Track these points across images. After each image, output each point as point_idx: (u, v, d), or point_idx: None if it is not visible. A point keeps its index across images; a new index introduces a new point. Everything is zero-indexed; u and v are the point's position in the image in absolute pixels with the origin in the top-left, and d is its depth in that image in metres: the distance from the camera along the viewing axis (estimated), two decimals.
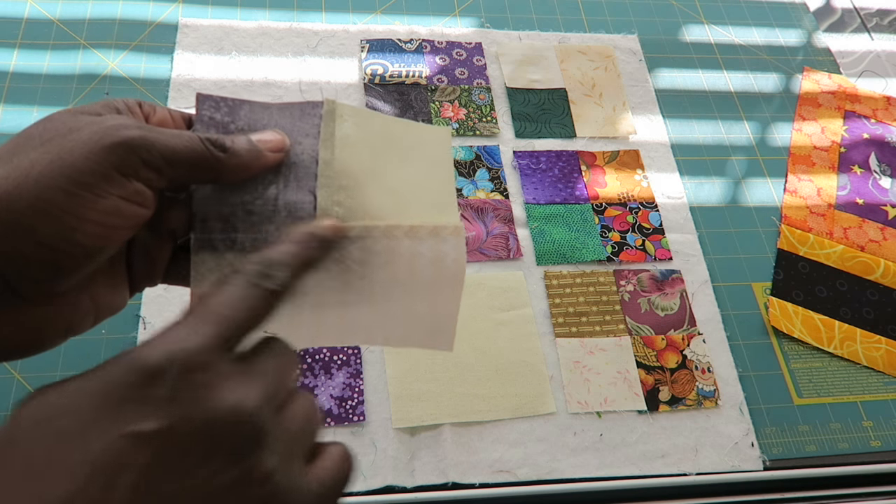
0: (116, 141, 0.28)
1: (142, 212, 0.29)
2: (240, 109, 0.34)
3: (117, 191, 0.28)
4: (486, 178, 0.71)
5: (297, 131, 0.34)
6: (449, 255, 0.34)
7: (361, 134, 0.35)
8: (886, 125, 0.83)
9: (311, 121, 0.35)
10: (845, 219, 0.75)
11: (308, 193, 0.33)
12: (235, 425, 0.24)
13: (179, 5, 0.77)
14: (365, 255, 0.33)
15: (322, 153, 0.34)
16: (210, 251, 0.32)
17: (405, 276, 0.34)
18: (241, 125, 0.34)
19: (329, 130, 0.35)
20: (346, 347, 0.60)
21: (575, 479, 0.57)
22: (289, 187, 0.33)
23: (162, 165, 0.29)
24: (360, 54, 0.77)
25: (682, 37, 0.87)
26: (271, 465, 0.24)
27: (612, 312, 0.65)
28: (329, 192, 0.33)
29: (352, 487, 0.54)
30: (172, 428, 0.23)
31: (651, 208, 0.72)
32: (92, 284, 0.31)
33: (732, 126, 0.80)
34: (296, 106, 0.35)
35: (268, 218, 0.33)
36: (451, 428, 0.57)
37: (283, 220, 0.33)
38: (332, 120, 0.35)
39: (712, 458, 0.59)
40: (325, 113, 0.35)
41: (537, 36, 0.82)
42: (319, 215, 0.33)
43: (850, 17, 0.94)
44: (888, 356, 0.67)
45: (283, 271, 0.29)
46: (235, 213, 0.33)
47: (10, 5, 0.74)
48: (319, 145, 0.34)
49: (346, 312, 0.34)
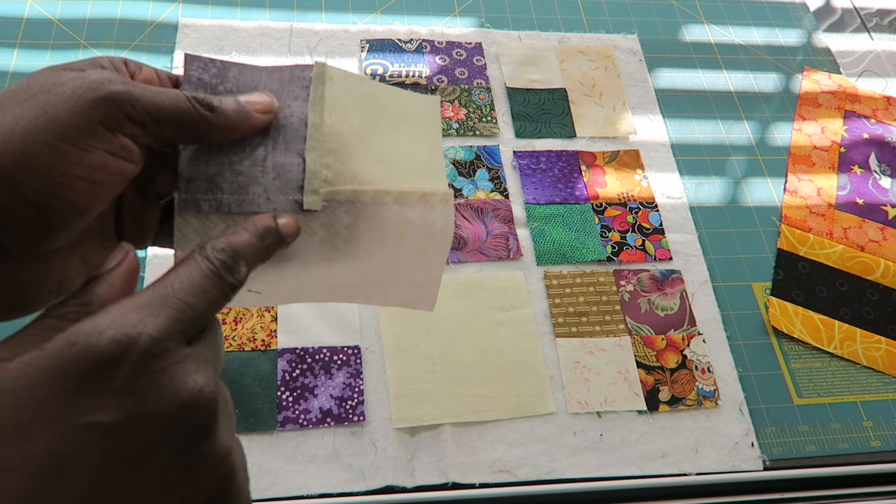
0: (101, 95, 0.27)
1: (129, 167, 0.29)
2: (228, 71, 0.33)
3: (103, 145, 0.27)
4: (486, 178, 0.71)
5: (286, 94, 0.34)
6: (437, 223, 0.34)
7: (351, 98, 0.35)
8: (886, 125, 0.83)
9: (300, 83, 0.34)
10: (845, 219, 0.75)
11: (297, 156, 0.33)
12: (194, 413, 0.23)
13: (179, 5, 0.77)
14: (353, 218, 0.33)
15: (311, 116, 0.34)
16: (195, 212, 0.31)
17: (392, 241, 0.34)
18: (229, 87, 0.33)
19: (318, 93, 0.34)
20: (345, 347, 0.60)
21: (575, 479, 0.57)
22: (277, 149, 0.33)
23: (146, 121, 0.28)
24: (360, 54, 0.77)
25: (682, 37, 0.87)
26: (227, 443, 0.25)
27: (612, 312, 0.65)
28: (318, 154, 0.33)
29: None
30: (129, 419, 0.22)
31: (651, 208, 0.72)
32: (81, 244, 0.31)
33: (732, 126, 0.80)
34: (285, 69, 0.34)
35: (255, 179, 0.32)
36: (451, 428, 0.57)
37: (271, 181, 0.32)
38: (321, 83, 0.34)
39: (712, 458, 0.59)
40: (314, 76, 0.34)
41: (537, 36, 0.82)
42: (308, 178, 0.32)
43: (850, 17, 0.94)
44: (888, 356, 0.67)
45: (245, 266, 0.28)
46: (222, 174, 0.32)
47: (10, 5, 0.74)
48: (308, 108, 0.34)
49: (330, 272, 0.34)
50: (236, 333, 0.59)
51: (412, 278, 0.36)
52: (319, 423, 0.56)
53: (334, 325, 0.61)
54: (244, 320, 0.60)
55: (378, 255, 0.34)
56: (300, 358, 0.59)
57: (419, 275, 0.36)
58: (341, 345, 0.60)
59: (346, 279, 0.35)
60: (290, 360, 0.58)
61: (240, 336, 0.59)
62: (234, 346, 0.58)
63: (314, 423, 0.56)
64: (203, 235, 0.31)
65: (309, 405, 0.57)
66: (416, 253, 0.35)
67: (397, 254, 0.34)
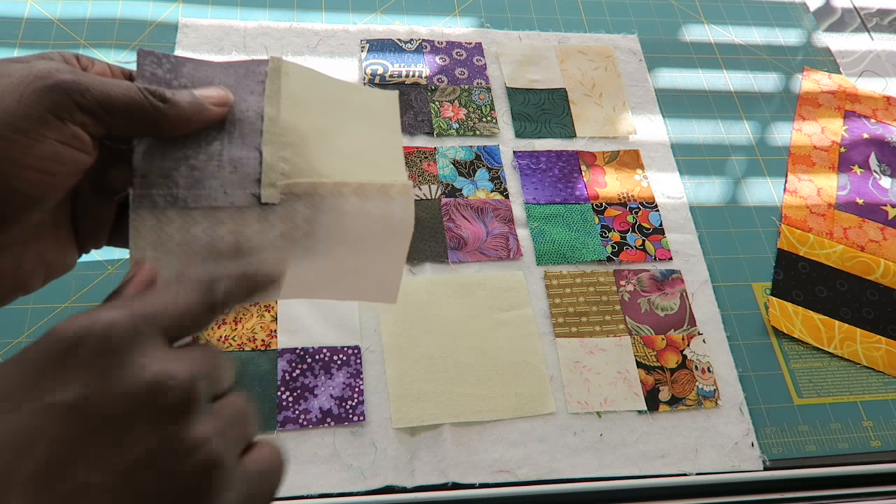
0: (49, 84, 0.27)
1: (81, 157, 0.29)
2: (182, 66, 0.33)
3: (53, 134, 0.27)
4: (486, 178, 0.71)
5: (242, 88, 0.33)
6: (396, 214, 0.34)
7: (308, 93, 0.35)
8: (886, 125, 0.83)
9: (256, 78, 0.34)
10: (845, 219, 0.75)
11: (254, 150, 0.32)
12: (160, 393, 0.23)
13: (179, 5, 0.77)
14: (312, 211, 0.32)
15: (267, 109, 0.33)
16: (150, 208, 0.31)
17: (352, 233, 0.33)
18: (183, 82, 0.33)
19: (275, 87, 0.34)
20: (345, 347, 0.60)
21: (575, 479, 0.57)
22: (233, 143, 0.32)
23: (97, 110, 0.28)
24: (360, 54, 0.77)
25: (682, 37, 0.87)
26: (203, 432, 0.24)
27: (612, 312, 0.65)
28: (275, 148, 0.33)
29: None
30: (89, 398, 0.22)
31: (651, 208, 0.72)
32: (37, 240, 0.31)
33: (732, 126, 0.80)
34: (241, 64, 0.34)
35: (211, 174, 0.32)
36: (451, 428, 0.57)
37: (227, 175, 0.32)
38: (277, 77, 0.34)
39: (712, 458, 0.59)
40: (270, 70, 0.34)
41: (537, 36, 0.82)
42: (266, 171, 0.32)
43: (850, 17, 0.94)
44: (888, 356, 0.67)
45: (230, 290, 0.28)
46: (177, 168, 0.31)
47: (10, 5, 0.74)
48: (265, 102, 0.33)
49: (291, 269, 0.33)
50: (236, 333, 0.59)
51: (374, 272, 0.35)
52: (319, 423, 0.56)
53: (334, 325, 0.61)
54: (244, 320, 0.60)
55: (339, 248, 0.33)
56: (300, 358, 0.59)
57: (381, 268, 0.35)
58: (341, 345, 0.60)
59: (307, 275, 0.34)
60: (290, 360, 0.58)
61: (240, 336, 0.59)
62: (234, 346, 0.58)
63: (314, 423, 0.56)
64: (158, 232, 0.31)
65: (309, 405, 0.57)
66: (377, 245, 0.34)
67: (358, 246, 0.34)
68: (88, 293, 0.59)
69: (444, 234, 0.67)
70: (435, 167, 0.71)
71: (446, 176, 0.70)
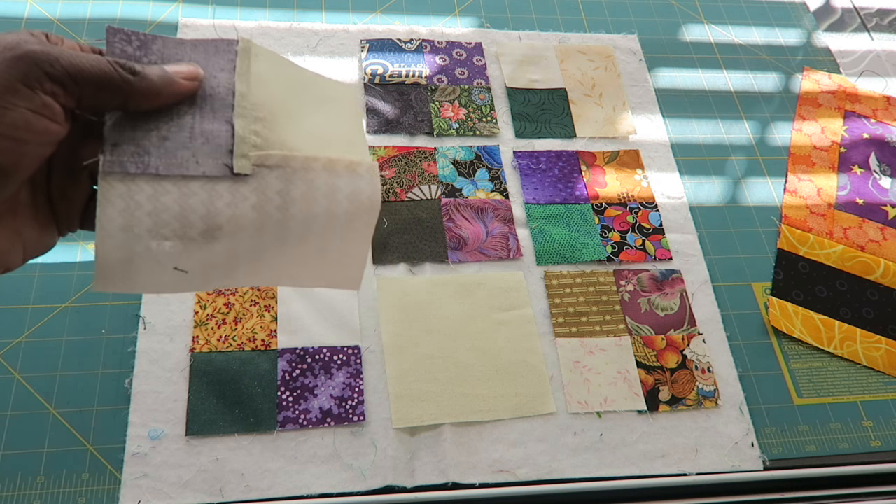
0: (18, 54, 0.28)
1: (53, 127, 0.29)
2: (152, 44, 0.34)
3: (24, 103, 0.28)
4: (486, 178, 0.71)
5: (211, 66, 0.34)
6: (364, 191, 0.34)
7: (275, 75, 0.36)
8: (886, 125, 0.83)
9: (226, 56, 0.35)
10: (845, 219, 0.75)
11: (225, 123, 0.33)
12: None
13: (179, 5, 0.77)
14: (284, 184, 0.33)
15: (238, 86, 0.34)
16: (120, 175, 0.30)
17: (322, 208, 0.33)
18: (153, 59, 0.33)
19: (245, 66, 0.35)
20: (345, 347, 0.60)
21: (575, 479, 0.57)
22: (205, 118, 0.33)
23: (66, 80, 0.29)
24: (360, 54, 0.77)
25: (682, 37, 0.87)
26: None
27: (612, 312, 0.65)
28: (246, 122, 0.33)
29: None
30: None
31: (651, 208, 0.72)
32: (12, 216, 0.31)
33: (732, 126, 0.80)
34: (210, 43, 0.35)
35: (183, 144, 0.32)
36: (451, 428, 0.57)
37: (199, 146, 0.32)
38: (247, 57, 0.35)
39: (712, 458, 0.59)
40: (240, 49, 0.35)
41: (537, 36, 0.82)
42: (237, 143, 0.32)
43: (850, 17, 0.94)
44: (888, 356, 0.67)
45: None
46: (149, 138, 0.31)
47: (10, 5, 0.74)
48: (235, 78, 0.34)
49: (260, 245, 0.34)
50: (236, 333, 0.59)
51: (340, 254, 0.36)
52: (319, 423, 0.56)
53: (334, 325, 0.61)
54: (244, 320, 0.60)
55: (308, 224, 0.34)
56: (300, 358, 0.59)
57: (347, 250, 0.36)
58: (341, 345, 0.60)
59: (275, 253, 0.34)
60: (290, 360, 0.58)
61: (240, 336, 0.59)
62: (234, 346, 0.58)
63: (314, 423, 0.56)
64: (128, 200, 0.30)
65: (309, 405, 0.57)
66: (345, 223, 0.34)
67: (326, 224, 0.34)
68: (88, 293, 0.59)
69: (444, 234, 0.67)
70: (435, 167, 0.71)
71: (446, 176, 0.70)
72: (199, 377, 0.57)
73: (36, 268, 0.60)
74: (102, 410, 0.55)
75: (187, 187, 0.31)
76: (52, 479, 0.52)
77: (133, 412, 0.55)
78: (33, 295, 0.59)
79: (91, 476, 0.52)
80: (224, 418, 0.55)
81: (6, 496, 0.51)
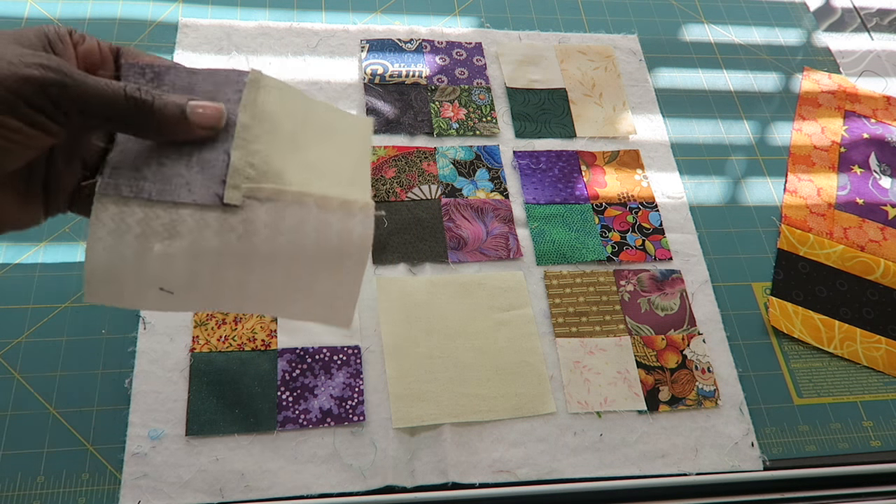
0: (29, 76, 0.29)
1: (47, 140, 0.30)
2: (165, 75, 0.35)
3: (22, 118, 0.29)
4: (486, 178, 0.71)
5: (220, 96, 0.35)
6: (356, 230, 0.34)
7: (283, 107, 0.36)
8: (886, 125, 0.83)
9: (234, 87, 0.35)
10: (845, 219, 0.75)
11: (223, 153, 0.33)
12: None
13: (179, 5, 0.77)
14: (273, 218, 0.33)
15: (241, 117, 0.34)
16: (114, 197, 0.32)
17: (311, 244, 0.34)
18: (165, 89, 0.34)
19: (251, 97, 0.35)
20: (345, 347, 0.60)
21: (575, 479, 0.57)
22: (205, 146, 0.34)
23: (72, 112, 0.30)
24: (360, 54, 0.77)
25: (682, 37, 0.87)
26: None
27: (612, 312, 0.65)
28: (243, 153, 0.34)
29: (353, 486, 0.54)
30: None
31: (651, 208, 0.72)
32: None
33: (732, 126, 0.80)
34: (221, 72, 0.35)
35: (179, 172, 0.33)
36: (451, 428, 0.57)
37: (194, 175, 0.33)
38: (255, 88, 0.35)
39: (712, 458, 0.59)
40: (249, 81, 0.35)
41: (537, 36, 0.82)
42: (231, 173, 0.33)
43: (850, 17, 0.94)
44: (888, 356, 0.67)
45: None
46: (148, 164, 0.33)
47: (10, 5, 0.74)
48: (239, 110, 0.35)
49: (246, 275, 0.34)
50: (236, 333, 0.59)
51: (329, 290, 0.35)
52: (319, 423, 0.56)
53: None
54: (244, 320, 0.60)
55: (296, 259, 0.34)
56: (300, 358, 0.59)
57: (337, 287, 0.35)
58: (341, 345, 0.60)
59: (262, 285, 0.34)
60: (290, 360, 0.58)
61: (240, 336, 0.59)
62: (234, 346, 0.58)
63: (314, 423, 0.56)
64: (118, 222, 0.32)
65: (309, 405, 0.57)
66: (334, 261, 0.34)
67: (315, 259, 0.34)
68: None
69: (444, 234, 0.67)
70: (435, 167, 0.71)
71: (446, 176, 0.70)
72: (199, 377, 0.57)
73: (36, 268, 0.60)
74: (102, 410, 0.55)
75: (177, 213, 0.32)
76: (52, 479, 0.52)
77: (133, 412, 0.55)
78: (33, 295, 0.59)
79: (91, 476, 0.52)
80: (224, 418, 0.55)
81: (6, 496, 0.51)
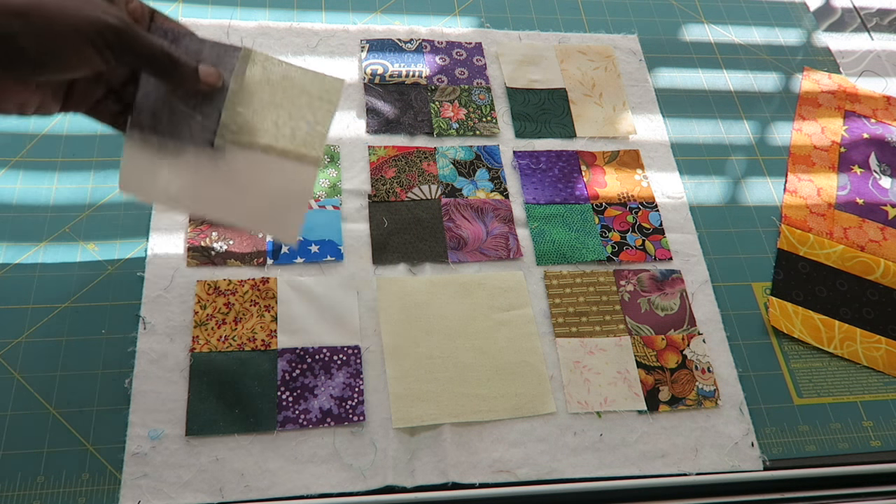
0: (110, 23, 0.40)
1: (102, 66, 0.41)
2: (182, 39, 0.47)
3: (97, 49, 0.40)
4: (486, 178, 0.71)
5: (219, 63, 0.47)
6: (304, 174, 0.49)
7: (265, 75, 0.49)
8: (886, 125, 0.83)
9: (231, 59, 0.48)
10: (845, 219, 0.75)
11: (217, 111, 0.47)
12: None
13: (179, 5, 0.77)
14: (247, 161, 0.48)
15: (231, 84, 0.48)
16: (139, 128, 0.47)
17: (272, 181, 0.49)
18: (181, 50, 0.46)
19: (241, 68, 0.48)
20: (345, 347, 0.60)
21: (575, 479, 0.57)
22: (205, 103, 0.47)
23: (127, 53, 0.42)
24: (360, 54, 0.77)
25: (682, 37, 0.87)
26: None
27: (612, 312, 0.65)
28: (230, 114, 0.48)
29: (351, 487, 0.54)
30: None
31: (651, 208, 0.72)
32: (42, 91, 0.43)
33: (732, 126, 0.80)
34: (222, 46, 0.48)
35: (185, 120, 0.47)
36: (451, 428, 0.57)
37: (195, 123, 0.47)
38: (245, 61, 0.48)
39: (712, 458, 0.59)
40: (241, 56, 0.48)
41: (537, 36, 0.82)
42: (220, 127, 0.47)
43: (850, 17, 0.94)
44: (888, 356, 0.67)
45: None
46: (163, 110, 0.47)
47: None
48: (231, 78, 0.47)
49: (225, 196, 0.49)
50: (236, 333, 0.59)
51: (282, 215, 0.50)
52: (319, 423, 0.56)
53: (334, 325, 0.61)
54: (244, 320, 0.60)
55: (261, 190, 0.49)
56: (300, 358, 0.59)
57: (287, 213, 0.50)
58: (341, 345, 0.60)
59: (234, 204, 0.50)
60: (290, 360, 0.58)
61: (240, 336, 0.59)
62: (234, 346, 0.58)
63: (314, 423, 0.56)
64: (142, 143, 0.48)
65: (309, 405, 0.57)
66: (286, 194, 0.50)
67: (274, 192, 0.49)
68: (88, 293, 0.59)
69: (444, 234, 0.67)
70: (435, 167, 0.71)
71: (446, 176, 0.70)
72: (198, 377, 0.57)
73: (36, 268, 0.60)
74: (102, 410, 0.55)
75: (182, 147, 0.48)
76: (51, 479, 0.52)
77: (133, 412, 0.55)
78: (33, 295, 0.59)
79: (91, 476, 0.52)
80: (224, 418, 0.55)
81: (6, 496, 0.51)
